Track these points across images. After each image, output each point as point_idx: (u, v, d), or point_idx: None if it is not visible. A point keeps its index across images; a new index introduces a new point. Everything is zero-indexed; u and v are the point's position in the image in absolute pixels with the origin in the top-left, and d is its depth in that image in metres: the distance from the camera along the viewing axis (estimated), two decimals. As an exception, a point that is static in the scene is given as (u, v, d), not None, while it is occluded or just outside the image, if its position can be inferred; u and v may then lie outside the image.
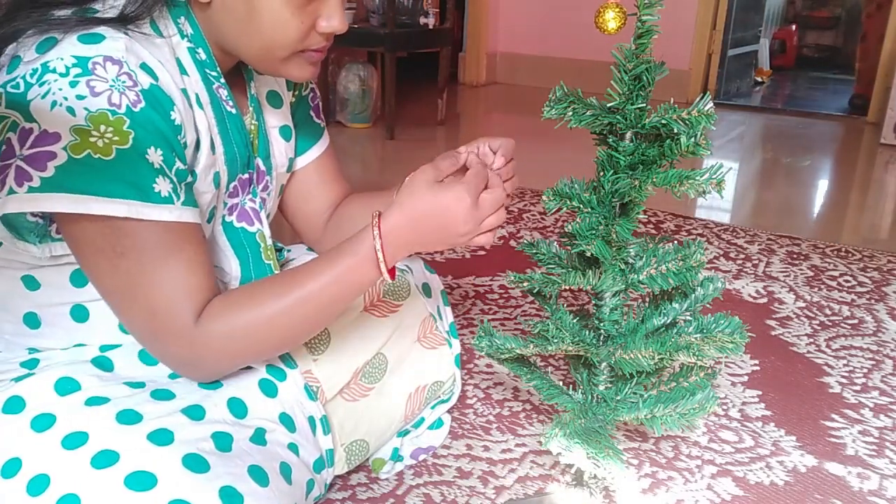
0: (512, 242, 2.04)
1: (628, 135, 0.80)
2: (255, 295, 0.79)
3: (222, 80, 0.83)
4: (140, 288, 0.73)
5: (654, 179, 0.78)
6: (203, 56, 0.80)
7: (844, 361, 1.45)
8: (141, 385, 0.79)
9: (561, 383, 0.96)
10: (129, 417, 0.73)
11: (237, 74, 0.89)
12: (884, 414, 1.28)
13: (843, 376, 1.40)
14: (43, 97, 0.67)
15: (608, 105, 0.79)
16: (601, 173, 0.82)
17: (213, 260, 0.87)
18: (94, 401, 0.74)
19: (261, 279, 0.84)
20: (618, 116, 0.79)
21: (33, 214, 0.75)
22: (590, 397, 0.93)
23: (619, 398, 0.92)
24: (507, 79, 4.70)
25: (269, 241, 0.91)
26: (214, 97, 0.82)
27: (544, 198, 0.84)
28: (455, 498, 1.03)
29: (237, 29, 0.78)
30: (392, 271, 0.79)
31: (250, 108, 0.91)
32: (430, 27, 3.34)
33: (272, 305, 0.77)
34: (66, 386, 0.76)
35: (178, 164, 0.74)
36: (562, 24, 4.36)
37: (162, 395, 0.78)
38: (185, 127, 0.76)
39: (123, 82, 0.69)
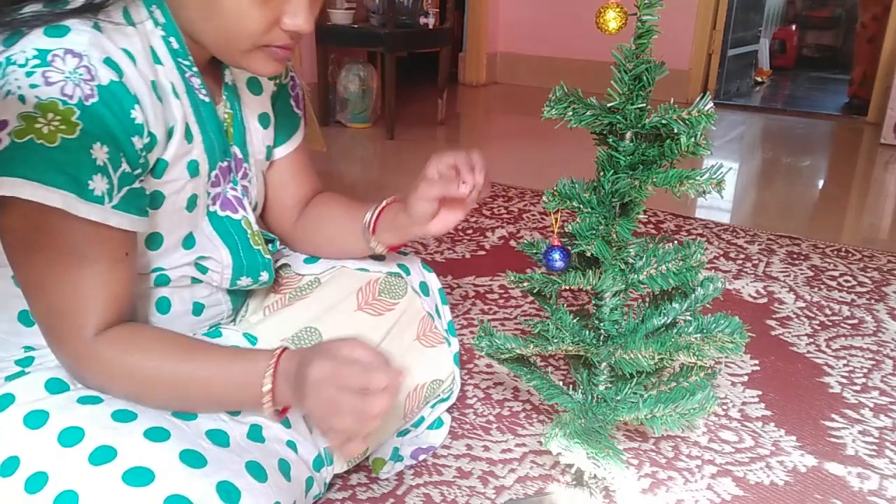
0: (512, 242, 2.04)
1: (628, 135, 0.80)
2: (155, 345, 0.77)
3: (195, 69, 0.82)
4: (48, 286, 0.72)
5: (654, 179, 0.78)
6: (176, 45, 0.80)
7: (844, 361, 1.45)
8: None
9: (561, 383, 0.96)
10: (124, 415, 0.73)
11: (214, 62, 0.89)
12: (884, 414, 1.28)
13: (843, 376, 1.40)
14: (1, 88, 0.67)
15: (608, 105, 0.79)
16: (601, 173, 0.82)
17: (204, 251, 0.87)
18: (86, 399, 0.75)
19: (176, 336, 0.81)
20: (618, 116, 0.79)
21: None
22: (590, 397, 0.93)
23: (619, 398, 0.92)
24: (507, 79, 4.70)
25: (256, 227, 0.92)
26: (188, 85, 0.81)
27: (544, 198, 0.84)
28: (455, 498, 1.03)
29: (198, 16, 0.77)
30: (284, 411, 0.78)
31: (224, 97, 0.90)
32: (430, 27, 3.34)
33: (162, 367, 0.76)
34: (56, 386, 0.76)
35: (125, 167, 0.72)
36: (562, 24, 4.36)
37: None
38: (152, 122, 0.74)
39: (80, 75, 0.68)
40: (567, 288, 0.87)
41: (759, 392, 1.33)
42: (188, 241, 0.86)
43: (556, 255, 0.84)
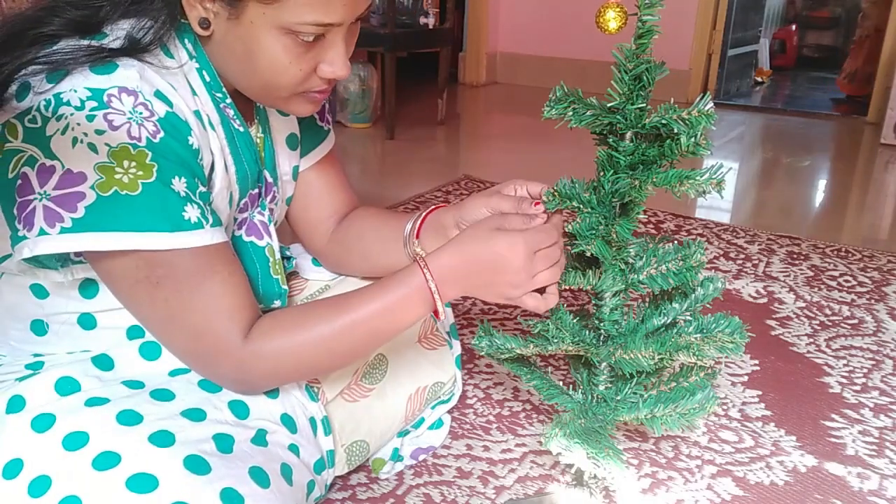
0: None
1: (628, 135, 0.80)
2: (306, 316, 0.80)
3: (228, 101, 0.82)
4: (180, 314, 0.74)
5: (654, 179, 0.78)
6: (208, 78, 0.80)
7: (844, 361, 1.45)
8: (140, 385, 0.79)
9: (561, 383, 0.96)
10: (129, 418, 0.73)
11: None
12: (884, 414, 1.28)
13: (843, 376, 1.40)
14: (63, 133, 0.67)
15: (608, 105, 0.79)
16: (601, 173, 0.82)
17: None
18: (94, 401, 0.74)
19: (311, 302, 0.85)
20: (618, 116, 0.79)
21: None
22: (590, 397, 0.93)
23: (619, 398, 0.92)
24: (506, 79, 4.70)
25: (278, 256, 0.91)
26: (223, 117, 0.81)
27: (544, 198, 0.84)
28: (455, 498, 1.03)
29: (236, 67, 0.78)
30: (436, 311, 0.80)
31: (256, 120, 0.90)
32: (430, 27, 3.34)
33: (322, 328, 0.78)
34: (66, 386, 0.76)
35: (201, 188, 0.75)
36: (562, 24, 4.36)
37: (162, 395, 0.78)
38: (202, 150, 0.76)
39: (140, 113, 0.69)
40: (567, 288, 0.87)
41: (759, 392, 1.33)
42: None
43: None
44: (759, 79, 5.22)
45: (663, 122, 0.77)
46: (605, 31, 0.78)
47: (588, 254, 0.82)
